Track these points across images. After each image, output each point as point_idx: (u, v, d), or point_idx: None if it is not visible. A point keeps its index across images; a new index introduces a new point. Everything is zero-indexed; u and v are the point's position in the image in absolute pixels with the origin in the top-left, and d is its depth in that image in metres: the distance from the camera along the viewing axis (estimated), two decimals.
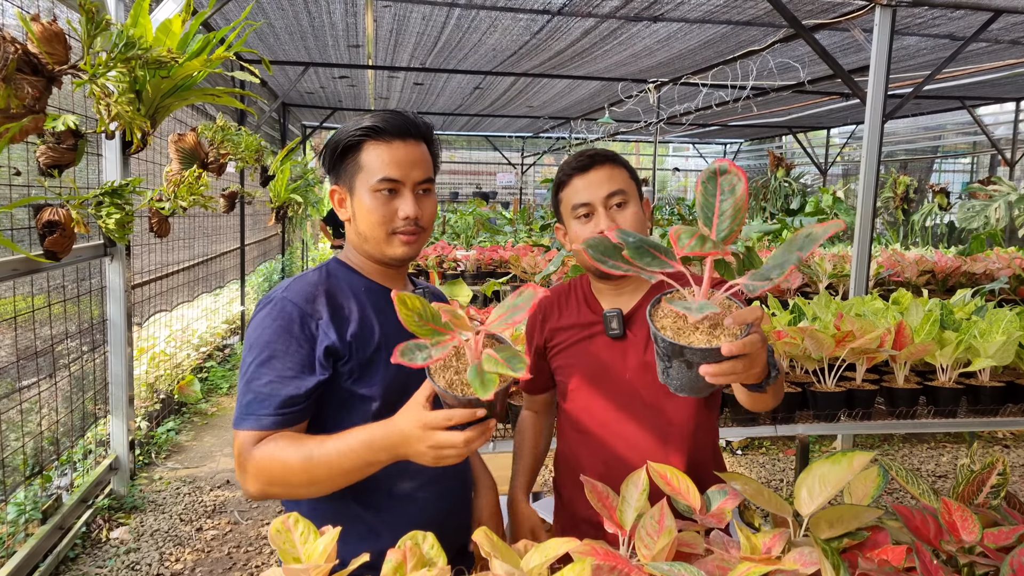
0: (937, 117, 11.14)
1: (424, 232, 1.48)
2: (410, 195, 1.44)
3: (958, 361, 2.75)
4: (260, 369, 1.36)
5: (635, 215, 1.62)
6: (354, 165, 1.45)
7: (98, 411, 3.87)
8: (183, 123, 5.30)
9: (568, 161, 1.70)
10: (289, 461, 1.30)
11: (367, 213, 1.43)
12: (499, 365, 1.09)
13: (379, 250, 1.47)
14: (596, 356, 1.69)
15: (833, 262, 5.22)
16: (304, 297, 1.42)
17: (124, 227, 3.06)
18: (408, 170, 1.43)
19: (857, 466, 1.27)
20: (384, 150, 1.43)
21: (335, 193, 1.50)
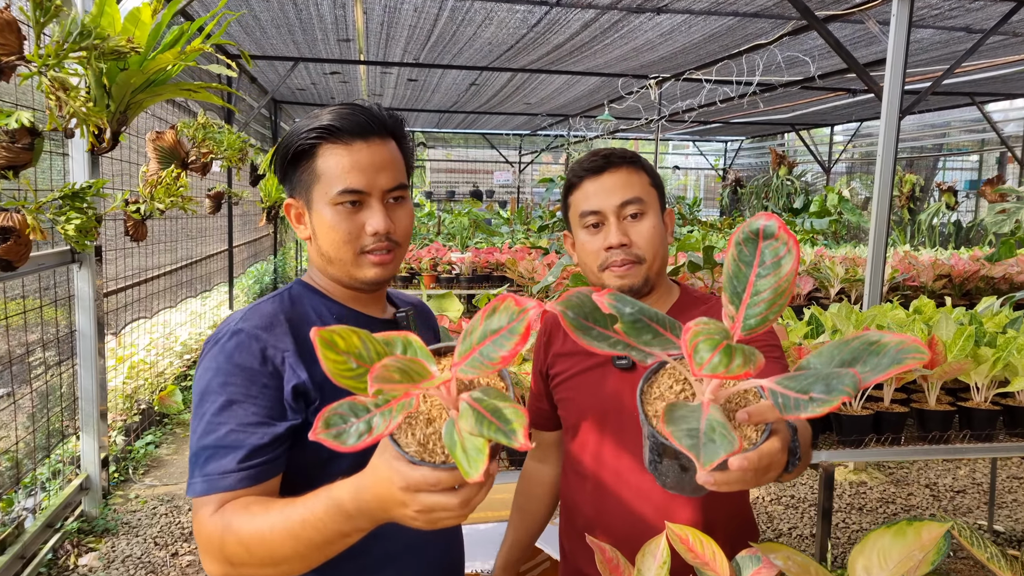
0: (944, 114, 10.92)
1: (399, 248, 1.24)
2: (378, 206, 1.19)
3: (994, 380, 2.52)
4: (217, 419, 1.10)
5: (653, 229, 1.38)
6: (309, 174, 1.20)
7: (67, 428, 3.63)
8: (164, 121, 5.06)
9: (580, 161, 1.46)
10: (247, 535, 1.01)
11: (328, 231, 1.19)
12: (485, 425, 0.77)
13: (346, 273, 1.22)
14: (603, 389, 1.43)
15: (845, 266, 4.99)
16: (264, 326, 1.17)
17: (86, 233, 2.81)
18: (374, 177, 1.19)
19: (927, 540, 1.04)
20: (343, 154, 1.17)
21: (291, 208, 1.25)
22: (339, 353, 0.80)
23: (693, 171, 21.04)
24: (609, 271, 1.38)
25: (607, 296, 0.84)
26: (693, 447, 0.72)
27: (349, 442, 0.76)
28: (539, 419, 1.58)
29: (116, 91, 3.10)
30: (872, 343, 0.80)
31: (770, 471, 0.87)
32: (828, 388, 0.74)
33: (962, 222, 10.69)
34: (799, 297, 4.66)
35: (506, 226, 9.07)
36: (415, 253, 6.21)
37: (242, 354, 1.13)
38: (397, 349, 0.85)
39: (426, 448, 0.86)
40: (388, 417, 0.78)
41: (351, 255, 1.20)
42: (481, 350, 0.80)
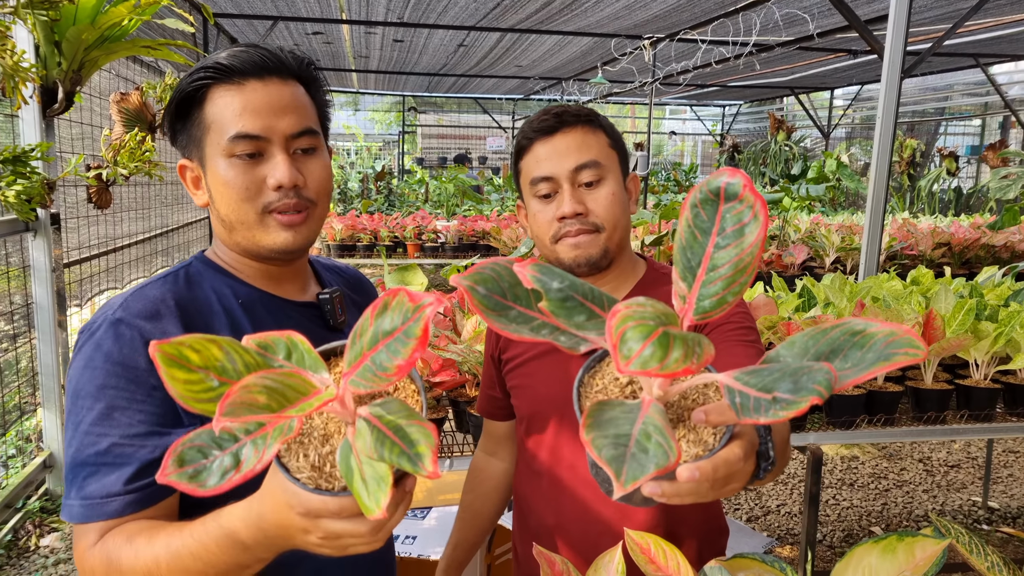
0: (946, 76, 10.65)
1: (315, 207, 1.04)
2: (282, 155, 1.00)
3: (995, 356, 2.37)
4: (96, 428, 0.91)
5: (612, 196, 1.21)
6: (199, 126, 1.01)
7: (27, 404, 3.49)
8: (131, 82, 4.84)
9: (531, 120, 1.26)
10: (131, 571, 0.85)
11: (224, 188, 1.00)
12: (387, 448, 0.61)
13: (251, 240, 1.02)
14: (561, 377, 1.26)
15: (841, 234, 4.82)
16: (149, 314, 0.97)
17: (29, 200, 2.64)
18: (272, 120, 0.99)
19: (921, 559, 0.89)
20: (235, 96, 0.99)
21: (185, 170, 1.06)
22: (192, 371, 0.62)
23: (690, 137, 20.72)
24: (563, 242, 1.21)
25: (530, 268, 0.66)
26: (615, 459, 0.56)
27: (210, 483, 0.60)
28: (491, 408, 1.43)
29: (67, 48, 2.92)
30: (856, 333, 0.64)
31: (732, 481, 0.71)
32: (796, 387, 0.58)
33: (963, 188, 10.49)
34: (792, 267, 4.50)
35: (496, 193, 8.85)
36: (400, 221, 6.03)
37: (122, 350, 0.94)
38: (279, 353, 0.68)
39: (322, 472, 0.70)
40: (261, 447, 0.62)
41: (253, 215, 1.00)
42: (373, 357, 0.63)
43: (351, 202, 10.66)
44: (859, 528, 3.40)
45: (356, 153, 18.19)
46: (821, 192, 6.41)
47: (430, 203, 8.46)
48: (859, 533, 3.35)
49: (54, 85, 3.01)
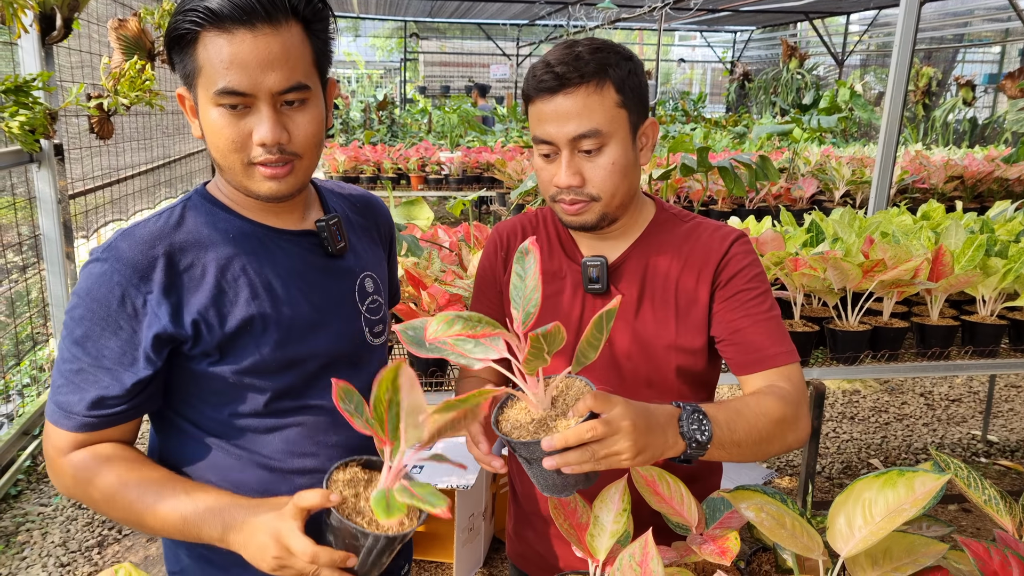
0: (967, 1, 10.30)
1: (300, 159, 1.04)
2: (268, 111, 0.99)
3: (1002, 292, 2.37)
4: (74, 350, 1.01)
5: (612, 165, 1.15)
6: (192, 63, 1.00)
7: (39, 335, 3.54)
8: (129, 8, 4.71)
9: (536, 67, 1.17)
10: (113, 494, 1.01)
11: (213, 135, 1.01)
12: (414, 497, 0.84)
13: (240, 183, 1.05)
14: (570, 316, 1.26)
15: (852, 167, 4.76)
16: (134, 257, 1.01)
17: (34, 131, 2.61)
18: (259, 76, 0.97)
19: (921, 493, 0.91)
20: (223, 45, 0.96)
21: (183, 99, 1.07)
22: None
23: (699, 64, 20.23)
24: (559, 206, 1.18)
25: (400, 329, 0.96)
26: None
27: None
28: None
29: None
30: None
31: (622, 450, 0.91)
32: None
33: (978, 119, 10.28)
34: (801, 201, 4.46)
35: (500, 124, 8.70)
36: (403, 152, 5.96)
37: (100, 288, 1.00)
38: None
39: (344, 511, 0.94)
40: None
41: (239, 165, 1.02)
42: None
43: (353, 132, 10.51)
44: (858, 460, 3.47)
45: (357, 81, 17.82)
46: (833, 124, 6.28)
47: (433, 134, 8.33)
48: (858, 465, 3.42)
49: (52, 11, 2.95)
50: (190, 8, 0.98)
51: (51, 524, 2.90)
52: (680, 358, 1.23)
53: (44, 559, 2.70)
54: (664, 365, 1.23)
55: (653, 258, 1.24)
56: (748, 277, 1.22)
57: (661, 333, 1.23)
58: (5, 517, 2.92)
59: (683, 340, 1.23)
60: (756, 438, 1.06)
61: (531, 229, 1.33)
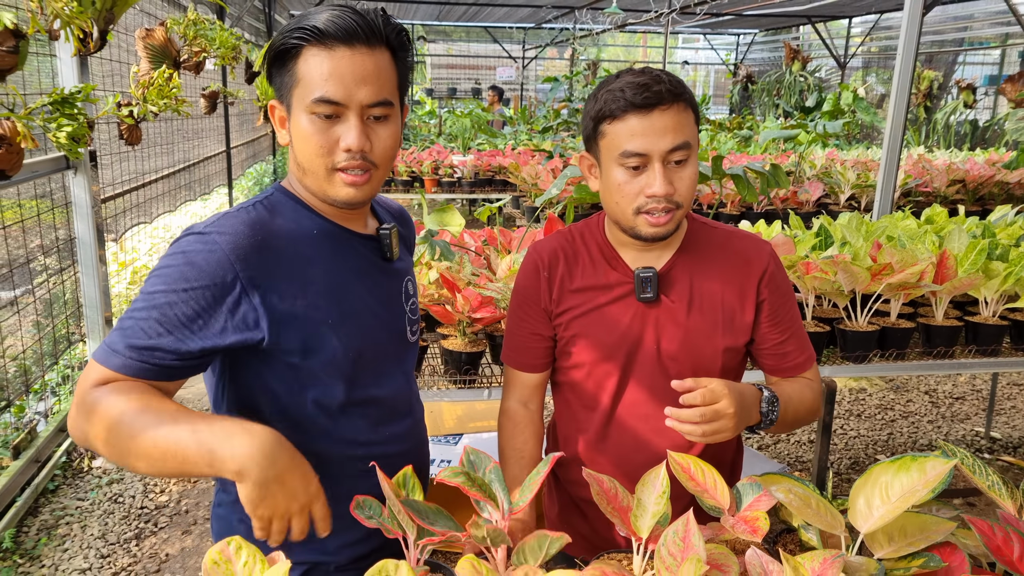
0: (968, 6, 10.42)
1: (377, 170, 1.16)
2: (356, 121, 1.11)
3: (1004, 294, 2.49)
4: (151, 298, 1.06)
5: (694, 176, 1.29)
6: (291, 76, 1.13)
7: (73, 335, 3.66)
8: (153, 17, 4.84)
9: (624, 87, 1.26)
10: (100, 412, 1.00)
11: (303, 140, 1.13)
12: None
13: (320, 188, 1.17)
14: (620, 324, 1.38)
15: (857, 171, 4.87)
16: (237, 239, 1.09)
17: (78, 140, 2.73)
18: (353, 88, 1.10)
19: (932, 477, 1.03)
20: (324, 60, 1.10)
21: (275, 110, 1.19)
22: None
23: (703, 66, 20.36)
24: (644, 217, 1.28)
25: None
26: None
27: None
28: (529, 359, 1.48)
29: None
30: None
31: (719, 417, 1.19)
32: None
33: (979, 121, 10.39)
34: (808, 204, 4.57)
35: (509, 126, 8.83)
36: (416, 156, 6.08)
37: (198, 256, 1.07)
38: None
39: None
40: None
41: (323, 170, 1.14)
42: None
43: None
44: (865, 456, 3.59)
45: None
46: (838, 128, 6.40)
47: (444, 137, 8.47)
48: (865, 461, 3.54)
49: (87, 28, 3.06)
50: (298, 27, 1.11)
51: (89, 518, 3.03)
52: (722, 359, 1.38)
53: (85, 551, 2.82)
54: (709, 365, 1.38)
55: (696, 266, 1.38)
56: (783, 292, 1.40)
57: (707, 337, 1.37)
58: (44, 511, 3.04)
59: (727, 343, 1.39)
60: (795, 420, 1.37)
61: (570, 248, 1.44)
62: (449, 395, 2.12)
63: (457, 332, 2.15)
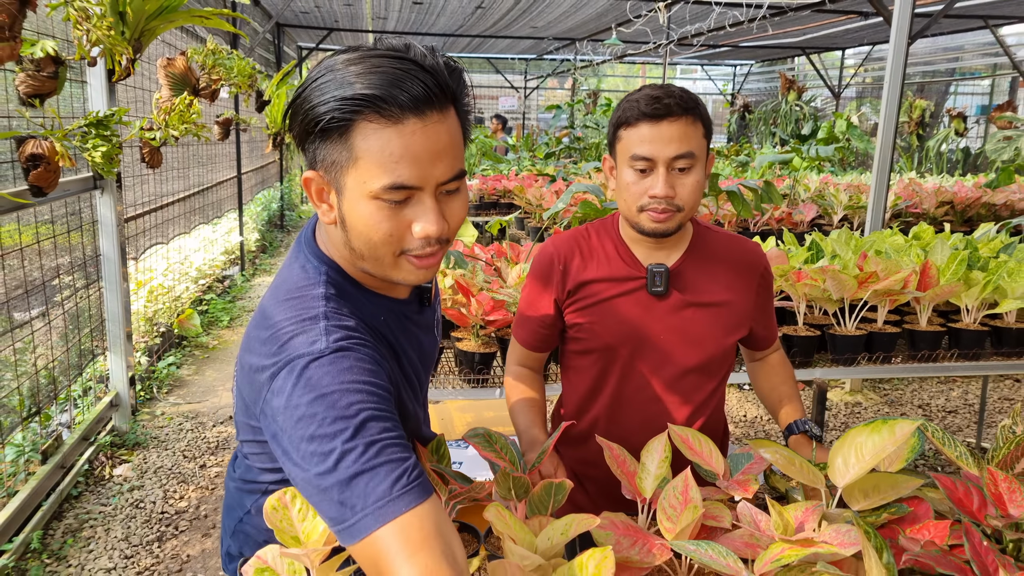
0: (957, 37, 10.71)
1: (448, 244, 1.01)
2: (431, 203, 0.94)
3: (984, 302, 2.64)
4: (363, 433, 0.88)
5: (697, 184, 1.44)
6: (341, 152, 0.92)
7: (96, 348, 3.80)
8: (173, 47, 5.05)
9: (640, 98, 1.43)
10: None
11: (364, 228, 0.95)
12: None
13: (381, 272, 1.01)
14: (631, 315, 1.55)
15: (849, 193, 5.05)
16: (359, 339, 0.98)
17: (111, 160, 2.90)
18: (429, 168, 0.92)
19: (900, 436, 1.17)
20: (392, 137, 0.90)
21: (311, 183, 0.99)
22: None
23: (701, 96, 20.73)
24: (647, 214, 1.45)
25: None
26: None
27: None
28: (539, 342, 1.65)
29: (131, 18, 3.14)
30: None
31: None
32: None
33: (971, 149, 10.62)
34: (802, 224, 4.74)
35: (512, 152, 9.06)
36: None
37: (358, 360, 0.94)
38: None
39: None
40: None
41: (389, 256, 0.98)
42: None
43: None
44: None
45: None
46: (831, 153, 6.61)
47: None
48: None
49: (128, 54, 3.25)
50: (349, 96, 0.89)
51: (112, 521, 3.14)
52: (724, 347, 1.56)
53: (109, 552, 2.93)
54: (712, 354, 1.56)
55: (703, 265, 1.55)
56: (770, 289, 1.63)
57: (711, 329, 1.54)
58: (68, 515, 3.16)
59: (730, 336, 1.57)
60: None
61: (586, 243, 1.61)
62: (463, 393, 2.26)
63: (471, 335, 2.30)
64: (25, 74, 2.63)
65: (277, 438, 0.92)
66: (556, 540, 1.08)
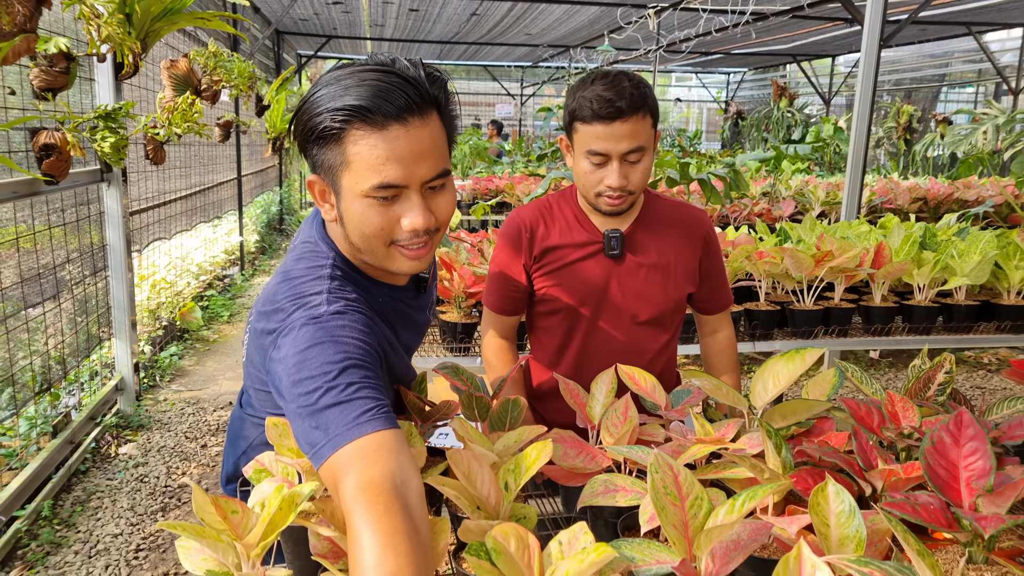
0: (944, 44, 10.95)
1: (438, 234, 1.14)
2: (417, 199, 1.07)
3: (935, 281, 2.82)
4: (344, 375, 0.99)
5: (646, 170, 1.62)
6: (336, 156, 1.05)
7: (102, 334, 3.98)
8: (175, 49, 5.26)
9: (594, 99, 1.55)
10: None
11: (359, 223, 1.08)
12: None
13: (378, 262, 1.15)
14: (591, 276, 1.73)
15: (827, 190, 5.24)
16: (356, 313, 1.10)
17: (119, 151, 3.09)
18: (413, 168, 1.04)
19: (809, 360, 1.36)
20: (377, 143, 1.02)
21: (314, 185, 1.13)
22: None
23: (696, 104, 20.98)
24: (603, 199, 1.64)
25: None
26: None
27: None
28: (510, 306, 1.81)
29: (137, 20, 3.33)
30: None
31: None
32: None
33: (957, 154, 10.83)
34: (781, 219, 4.92)
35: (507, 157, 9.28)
36: None
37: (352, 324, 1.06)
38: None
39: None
40: None
41: (382, 247, 1.11)
42: None
43: None
44: None
45: None
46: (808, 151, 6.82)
47: None
48: None
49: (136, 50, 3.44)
50: (340, 107, 1.01)
51: (118, 494, 3.32)
52: (674, 302, 1.75)
53: (116, 519, 3.10)
54: (663, 308, 1.75)
55: (653, 229, 1.74)
56: (716, 250, 1.80)
57: (663, 287, 1.73)
58: (77, 488, 3.33)
59: (680, 292, 1.76)
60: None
61: (548, 213, 1.79)
62: (446, 360, 2.44)
63: (454, 307, 2.48)
64: (39, 69, 2.82)
65: (277, 385, 1.05)
66: (510, 446, 1.26)
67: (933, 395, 1.48)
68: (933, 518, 0.92)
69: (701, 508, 0.98)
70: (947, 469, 1.00)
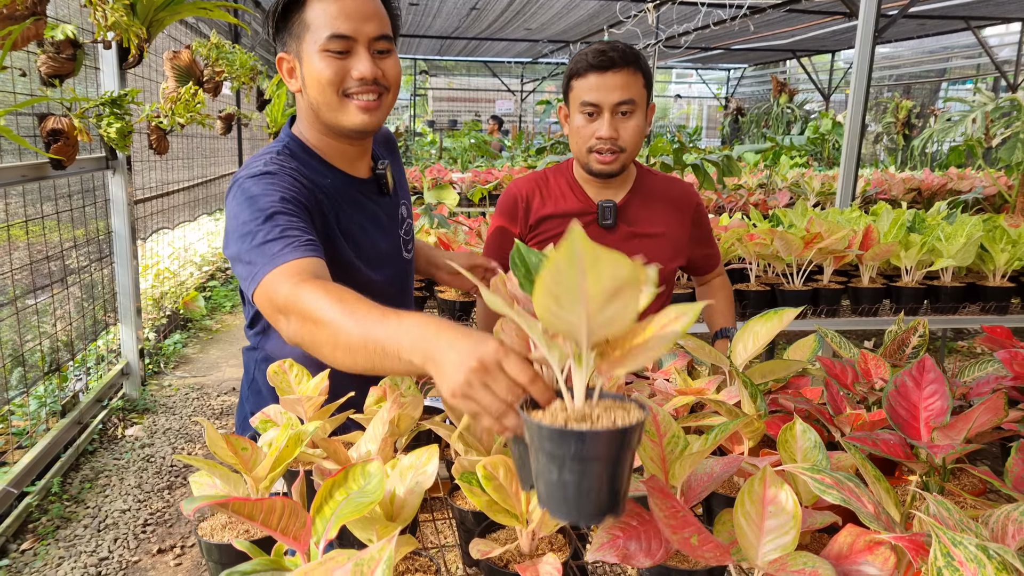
0: (943, 39, 11.00)
1: (388, 94, 1.34)
2: (365, 53, 1.29)
3: (922, 263, 2.88)
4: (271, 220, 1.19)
5: (637, 127, 1.68)
6: (299, 25, 1.30)
7: (108, 319, 4.05)
8: (177, 41, 5.33)
9: (589, 52, 1.65)
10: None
11: (317, 76, 1.29)
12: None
13: (334, 119, 1.33)
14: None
15: (823, 181, 5.31)
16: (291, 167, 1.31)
17: (125, 136, 3.17)
18: (360, 24, 1.28)
19: (786, 320, 1.42)
20: (331, 3, 1.28)
21: (283, 62, 1.36)
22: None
23: (696, 100, 21.03)
24: (595, 155, 1.70)
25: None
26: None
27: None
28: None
29: (141, 9, 3.40)
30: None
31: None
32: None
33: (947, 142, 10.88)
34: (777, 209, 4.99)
35: (507, 152, 9.36)
36: (417, 173, 6.54)
37: (280, 180, 1.26)
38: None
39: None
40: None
41: (336, 99, 1.30)
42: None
43: None
44: None
45: None
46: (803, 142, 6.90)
47: (444, 159, 9.00)
48: None
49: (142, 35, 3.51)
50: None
51: (125, 472, 3.39)
52: (664, 273, 1.82)
53: (123, 496, 3.18)
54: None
55: (645, 201, 1.81)
56: (705, 218, 1.89)
57: (655, 257, 1.80)
58: (85, 467, 3.40)
59: (672, 263, 1.84)
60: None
61: (544, 184, 1.86)
62: None
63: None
64: (47, 56, 2.89)
65: (226, 240, 1.25)
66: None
67: (907, 357, 1.55)
68: (892, 451, 0.99)
69: (678, 445, 1.05)
70: (908, 410, 1.07)
